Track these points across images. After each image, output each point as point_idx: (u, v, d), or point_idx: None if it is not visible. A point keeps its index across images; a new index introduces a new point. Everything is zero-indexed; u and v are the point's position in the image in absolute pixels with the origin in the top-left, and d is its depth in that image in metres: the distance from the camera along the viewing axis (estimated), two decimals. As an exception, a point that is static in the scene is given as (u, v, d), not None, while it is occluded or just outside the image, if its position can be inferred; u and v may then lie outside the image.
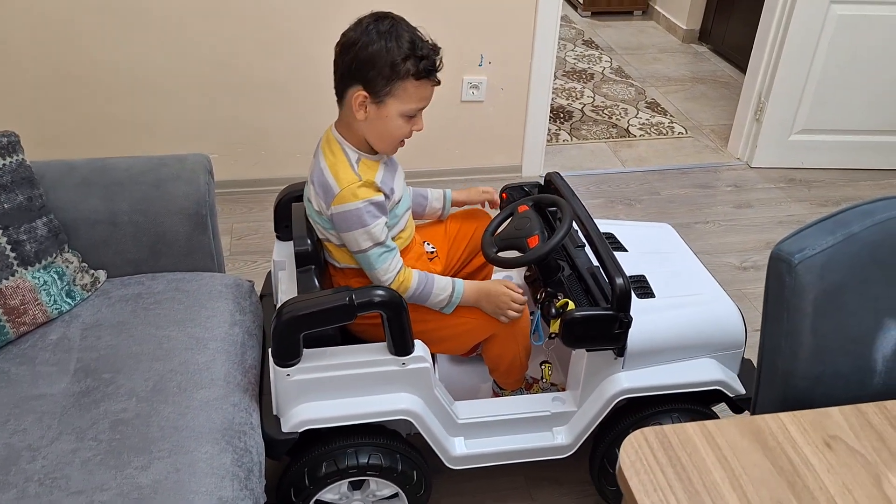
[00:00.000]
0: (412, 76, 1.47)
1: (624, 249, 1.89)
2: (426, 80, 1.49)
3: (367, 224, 1.50)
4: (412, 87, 1.48)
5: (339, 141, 1.56)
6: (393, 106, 1.49)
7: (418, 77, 1.47)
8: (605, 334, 1.56)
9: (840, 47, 3.11)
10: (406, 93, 1.48)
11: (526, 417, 1.70)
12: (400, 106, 1.49)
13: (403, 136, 1.54)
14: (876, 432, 0.99)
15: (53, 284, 1.58)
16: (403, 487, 1.65)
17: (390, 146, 1.56)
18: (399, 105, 1.49)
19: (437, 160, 3.09)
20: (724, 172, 3.39)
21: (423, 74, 1.47)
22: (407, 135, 1.55)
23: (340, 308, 1.44)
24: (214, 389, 1.46)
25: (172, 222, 1.72)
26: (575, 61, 4.42)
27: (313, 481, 1.57)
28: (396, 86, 1.47)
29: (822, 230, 1.10)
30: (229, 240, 2.72)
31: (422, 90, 1.50)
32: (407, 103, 1.49)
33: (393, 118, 1.50)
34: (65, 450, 1.31)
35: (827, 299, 1.08)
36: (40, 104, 2.70)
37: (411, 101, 1.49)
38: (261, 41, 2.72)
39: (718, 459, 0.93)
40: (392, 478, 1.61)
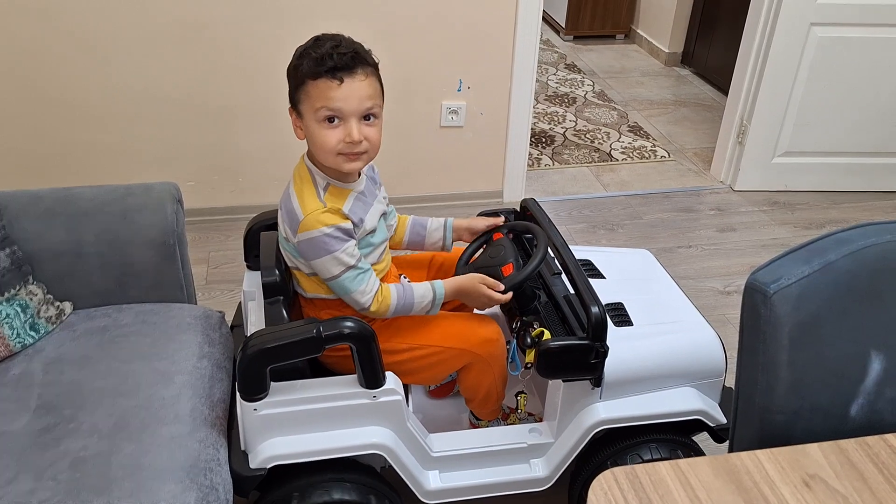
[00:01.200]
0: (308, 77, 1.42)
1: (601, 276, 1.86)
2: (324, 78, 1.41)
3: (334, 250, 1.46)
4: (312, 87, 1.42)
5: (309, 167, 1.52)
6: (306, 114, 1.45)
7: (314, 76, 1.41)
8: (581, 364, 1.53)
9: (821, 70, 3.12)
10: (309, 95, 1.43)
11: (502, 450, 1.66)
12: (310, 111, 1.43)
13: (332, 146, 1.45)
14: (857, 470, 0.96)
15: (16, 317, 1.54)
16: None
17: (334, 159, 1.47)
18: (309, 111, 1.44)
19: (417, 186, 3.07)
20: (706, 196, 3.38)
21: (318, 73, 1.41)
22: (336, 145, 1.45)
23: (308, 341, 1.40)
24: (179, 426, 1.42)
25: (140, 253, 1.68)
26: (557, 85, 4.43)
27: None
28: (301, 92, 1.44)
29: (797, 259, 1.08)
30: (206, 268, 2.68)
31: (324, 90, 1.41)
32: (314, 106, 1.43)
33: (313, 128, 1.45)
34: (21, 490, 1.27)
35: (804, 330, 1.06)
36: (7, 132, 2.65)
37: (317, 101, 1.42)
38: (237, 68, 2.70)
39: (690, 500, 0.90)
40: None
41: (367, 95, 1.44)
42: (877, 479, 0.95)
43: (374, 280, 1.53)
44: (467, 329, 1.65)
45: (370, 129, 1.47)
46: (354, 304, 1.52)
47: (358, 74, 1.42)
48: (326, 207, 1.47)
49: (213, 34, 2.64)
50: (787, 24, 3.03)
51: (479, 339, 1.64)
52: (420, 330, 1.62)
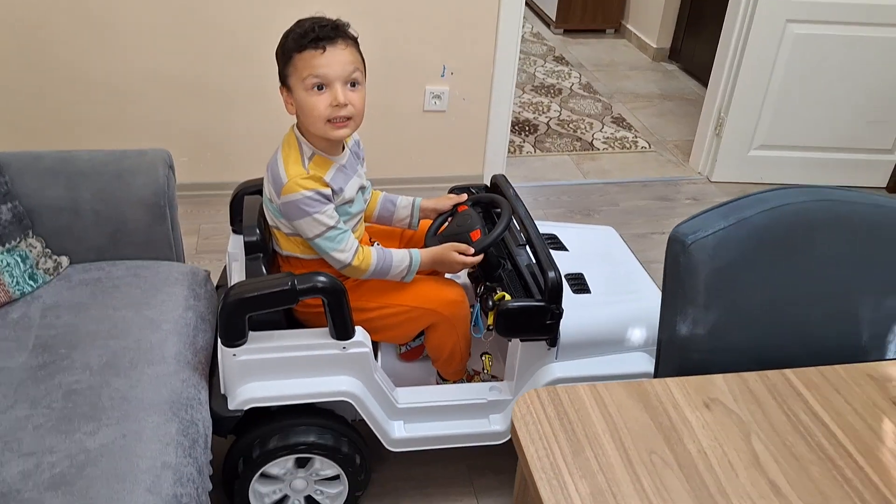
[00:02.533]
0: (294, 51, 1.55)
1: (565, 249, 1.98)
2: (308, 49, 1.54)
3: (313, 212, 1.58)
4: (298, 60, 1.55)
5: (298, 137, 1.65)
6: (295, 85, 1.57)
7: (300, 49, 1.55)
8: (537, 325, 1.65)
9: (797, 65, 3.22)
10: (297, 68, 1.56)
11: (463, 404, 1.78)
12: (299, 82, 1.56)
13: (322, 112, 1.56)
14: (754, 397, 1.09)
15: (17, 266, 1.67)
16: (344, 468, 1.73)
17: (322, 126, 1.58)
18: (298, 82, 1.56)
19: (399, 168, 3.18)
20: (684, 186, 3.50)
21: (303, 45, 1.54)
22: (325, 110, 1.56)
23: (283, 292, 1.53)
24: (164, 366, 1.55)
25: (133, 212, 1.81)
26: (544, 76, 4.55)
27: (259, 455, 1.65)
28: (289, 67, 1.57)
29: (717, 215, 1.21)
30: (196, 239, 2.81)
31: (309, 59, 1.54)
32: (301, 76, 1.55)
33: (302, 96, 1.57)
34: (18, 416, 1.40)
35: (718, 278, 1.19)
36: (13, 100, 2.79)
37: (303, 71, 1.55)
38: (230, 50, 2.83)
39: (603, 415, 1.03)
40: (333, 457, 1.69)
41: (348, 61, 1.57)
42: (770, 404, 1.08)
43: (353, 240, 1.65)
44: (433, 291, 1.77)
45: (354, 94, 1.59)
46: (335, 262, 1.64)
47: (339, 44, 1.56)
48: (309, 174, 1.60)
49: (211, 17, 2.76)
50: (763, 20, 3.13)
51: (444, 300, 1.76)
52: (389, 290, 1.74)
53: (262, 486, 1.72)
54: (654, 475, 0.94)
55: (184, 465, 1.39)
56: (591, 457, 0.96)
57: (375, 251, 1.68)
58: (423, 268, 1.73)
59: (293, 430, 1.66)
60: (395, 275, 1.70)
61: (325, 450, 1.69)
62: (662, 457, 0.97)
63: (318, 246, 1.63)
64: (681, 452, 0.98)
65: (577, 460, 0.95)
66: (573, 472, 0.94)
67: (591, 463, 0.95)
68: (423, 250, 1.73)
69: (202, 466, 1.46)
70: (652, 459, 0.97)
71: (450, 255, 1.71)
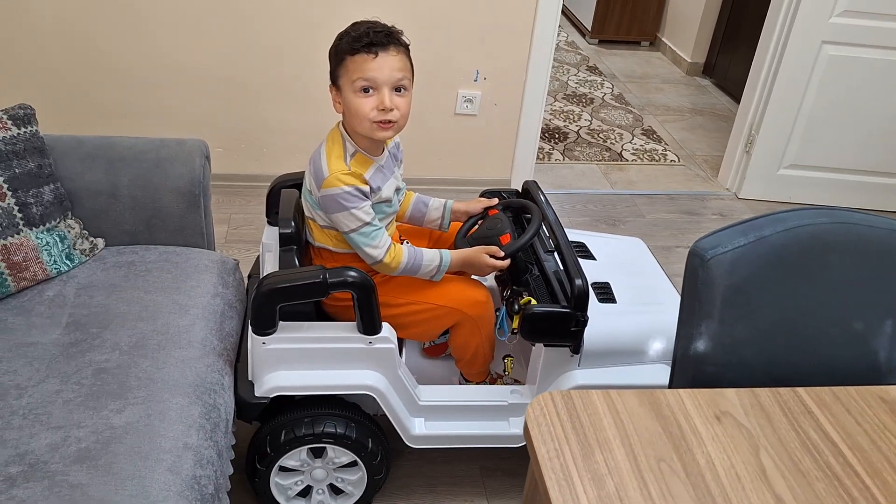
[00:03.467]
0: (347, 53, 1.60)
1: (593, 258, 2.00)
2: (361, 53, 1.59)
3: (350, 207, 1.62)
4: (351, 62, 1.60)
5: (343, 134, 1.69)
6: (345, 86, 1.62)
7: (353, 52, 1.59)
8: (561, 331, 1.67)
9: (830, 87, 3.22)
10: (348, 70, 1.60)
11: (484, 405, 1.81)
12: (348, 84, 1.61)
13: (366, 113, 1.61)
14: (764, 412, 1.11)
15: (55, 246, 1.72)
16: (363, 459, 1.76)
17: (368, 127, 1.63)
18: (347, 83, 1.61)
19: (428, 169, 3.22)
20: (711, 201, 3.51)
21: (356, 48, 1.59)
22: (370, 112, 1.61)
23: (314, 285, 1.57)
24: (191, 350, 1.60)
25: (168, 199, 1.86)
26: (577, 85, 4.57)
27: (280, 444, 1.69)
28: (340, 68, 1.62)
29: (736, 232, 1.23)
30: (226, 228, 2.87)
31: (361, 63, 1.59)
32: (351, 78, 1.60)
33: (350, 97, 1.61)
34: (49, 390, 1.45)
35: (735, 293, 1.21)
36: (60, 86, 2.86)
37: (354, 73, 1.59)
38: (268, 43, 2.88)
39: (615, 421, 1.06)
40: (352, 448, 1.73)
41: (398, 68, 1.62)
42: (781, 420, 1.10)
43: (387, 238, 1.69)
44: (459, 290, 1.80)
45: (400, 99, 1.64)
46: (367, 257, 1.68)
47: (391, 50, 1.61)
48: (350, 171, 1.64)
49: (250, 13, 2.82)
50: (799, 41, 3.14)
51: (469, 300, 1.79)
52: (416, 288, 1.78)
53: (282, 479, 1.76)
54: (661, 482, 0.97)
55: (205, 447, 1.43)
56: (601, 461, 0.99)
57: (407, 249, 1.71)
58: (452, 268, 1.76)
59: (311, 421, 1.70)
60: (424, 273, 1.74)
61: (342, 439, 1.72)
62: (671, 465, 1.00)
63: (353, 240, 1.67)
64: (689, 462, 1.01)
65: (586, 463, 0.98)
66: (582, 474, 0.97)
67: (601, 467, 0.98)
68: (454, 251, 1.77)
69: (223, 450, 1.50)
70: (660, 467, 0.99)
71: (480, 257, 1.74)
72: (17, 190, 1.67)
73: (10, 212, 1.65)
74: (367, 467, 1.78)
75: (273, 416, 1.71)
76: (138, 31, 2.80)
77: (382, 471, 1.81)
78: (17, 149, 1.69)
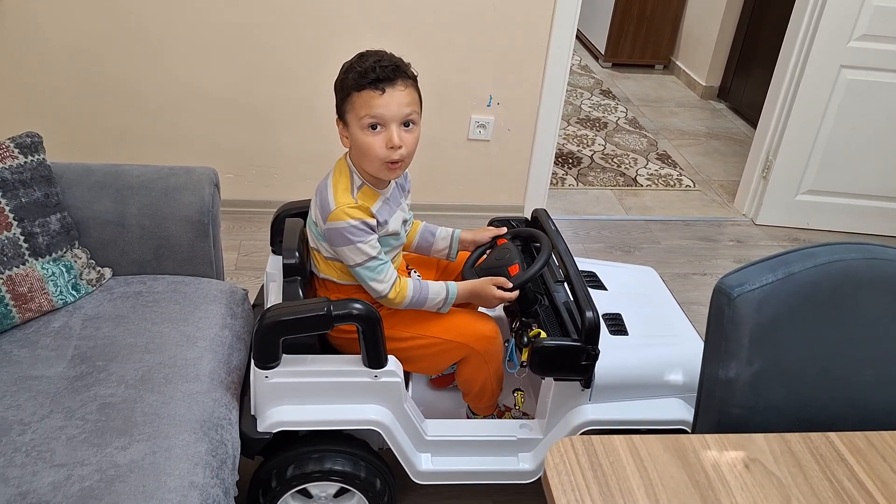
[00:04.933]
0: (353, 88, 1.56)
1: (604, 288, 1.96)
2: (368, 89, 1.55)
3: (357, 241, 1.59)
4: (357, 98, 1.56)
5: (350, 166, 1.66)
6: (352, 122, 1.58)
7: (359, 88, 1.55)
8: (572, 365, 1.62)
9: (849, 111, 3.18)
10: (354, 106, 1.57)
11: (492, 440, 1.76)
12: (355, 120, 1.57)
13: (377, 152, 1.58)
14: (795, 459, 1.06)
15: (61, 276, 1.69)
16: (369, 497, 1.72)
17: (378, 167, 1.61)
18: (354, 119, 1.57)
19: (440, 195, 3.20)
20: (727, 227, 3.46)
21: (362, 84, 1.55)
22: (381, 150, 1.58)
23: (319, 317, 1.53)
24: (198, 384, 1.56)
25: (177, 228, 1.83)
26: (590, 109, 4.54)
27: (281, 481, 1.65)
28: (347, 102, 1.58)
29: (764, 268, 1.18)
30: (236, 255, 2.84)
31: (368, 99, 1.55)
32: (358, 115, 1.56)
33: (357, 134, 1.58)
34: (53, 426, 1.41)
35: (763, 333, 1.16)
36: (68, 113, 2.85)
37: (361, 110, 1.56)
38: (279, 70, 2.87)
39: (638, 469, 1.01)
40: (356, 485, 1.69)
41: (405, 103, 1.58)
42: (812, 467, 1.05)
43: (393, 272, 1.66)
44: (467, 324, 1.76)
45: (408, 134, 1.61)
46: (373, 291, 1.65)
47: (398, 85, 1.57)
48: (357, 204, 1.61)
49: (260, 39, 2.80)
50: (817, 65, 3.11)
51: (477, 334, 1.74)
52: (423, 321, 1.74)
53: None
54: (688, 536, 0.92)
55: (211, 485, 1.39)
56: (625, 512, 0.94)
57: (412, 283, 1.67)
58: (459, 300, 1.72)
59: (315, 457, 1.65)
60: (430, 307, 1.70)
61: (345, 476, 1.68)
62: (698, 517, 0.95)
63: (358, 274, 1.63)
64: (717, 513, 0.96)
65: (609, 515, 0.93)
66: (605, 526, 0.92)
67: (624, 519, 0.93)
68: (461, 283, 1.73)
69: (228, 488, 1.46)
70: (687, 519, 0.94)
71: (488, 288, 1.70)
72: (23, 220, 1.64)
73: (15, 242, 1.63)
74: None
75: (276, 451, 1.66)
76: (148, 57, 2.79)
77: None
78: (24, 178, 1.66)
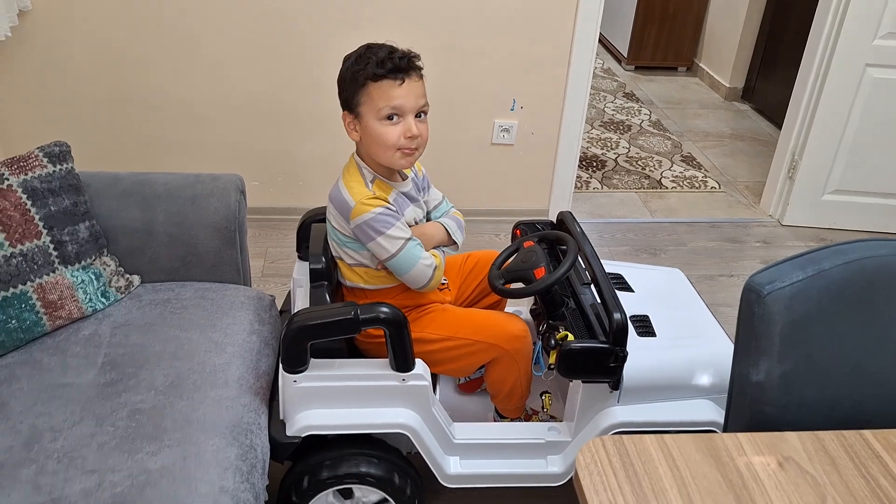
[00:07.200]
0: (369, 79, 1.56)
1: (630, 290, 1.94)
2: (385, 80, 1.55)
3: (388, 227, 1.59)
4: (374, 89, 1.56)
5: (358, 163, 1.67)
6: (367, 114, 1.59)
7: (375, 78, 1.55)
8: (600, 367, 1.62)
9: (875, 110, 3.14)
10: (371, 97, 1.57)
11: (521, 443, 1.76)
12: (372, 111, 1.57)
13: (394, 141, 1.58)
14: (830, 457, 1.05)
15: (90, 284, 1.71)
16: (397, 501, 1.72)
17: (391, 156, 1.61)
18: (371, 111, 1.58)
19: (464, 200, 3.15)
20: (754, 228, 3.42)
21: (379, 74, 1.55)
22: (397, 140, 1.58)
23: (346, 321, 1.53)
24: (227, 389, 1.57)
25: (204, 235, 1.84)
26: (613, 112, 4.52)
27: (311, 485, 1.65)
28: (361, 94, 1.58)
29: (794, 265, 1.17)
30: (263, 262, 2.86)
31: (385, 90, 1.56)
32: (376, 106, 1.57)
33: (373, 126, 1.58)
34: (84, 433, 1.42)
35: (794, 330, 1.14)
36: (95, 122, 2.89)
37: (379, 101, 1.56)
38: (304, 78, 2.88)
39: (671, 469, 1.00)
40: (385, 489, 1.69)
41: (420, 94, 1.60)
42: (847, 465, 1.03)
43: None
44: (497, 325, 1.75)
45: (422, 125, 1.62)
46: (421, 275, 1.64)
47: (413, 76, 1.59)
48: (375, 195, 1.61)
49: (286, 47, 2.82)
50: (842, 64, 3.07)
51: (507, 334, 1.74)
52: (452, 323, 1.74)
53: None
54: (722, 535, 0.91)
55: (241, 490, 1.39)
56: (657, 512, 0.93)
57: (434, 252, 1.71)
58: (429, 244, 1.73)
59: (344, 461, 1.66)
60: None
61: (374, 479, 1.68)
62: (732, 516, 0.94)
63: (401, 262, 1.63)
64: (751, 513, 0.95)
65: (642, 515, 0.92)
66: (638, 527, 0.91)
67: (657, 518, 0.92)
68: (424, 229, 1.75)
69: (259, 493, 1.47)
70: (721, 518, 0.93)
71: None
72: (52, 228, 1.66)
73: (45, 250, 1.65)
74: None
75: (305, 454, 1.67)
76: (174, 66, 2.82)
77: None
78: (53, 186, 1.68)
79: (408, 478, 1.70)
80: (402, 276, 1.66)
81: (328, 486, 1.66)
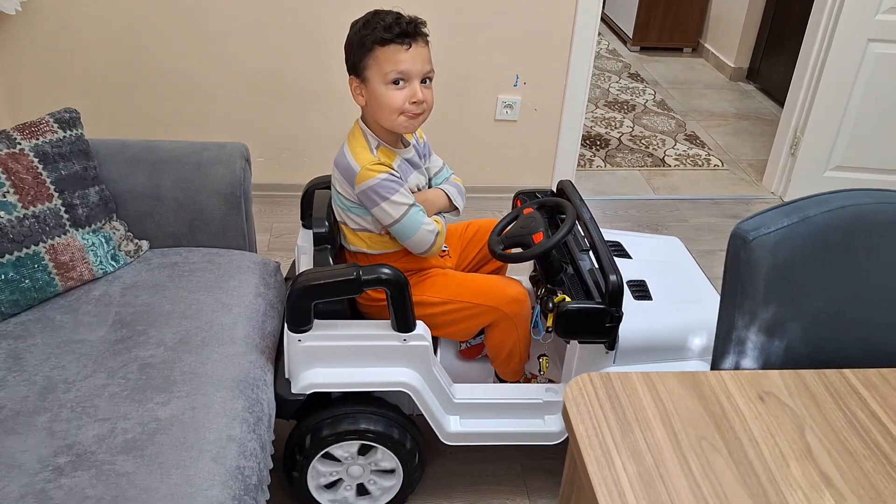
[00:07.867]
0: (377, 43, 1.59)
1: (628, 257, 1.98)
2: (392, 44, 1.58)
3: (392, 193, 1.63)
4: (381, 53, 1.59)
5: (363, 129, 1.71)
6: (374, 78, 1.62)
7: (382, 42, 1.59)
8: (596, 327, 1.66)
9: (877, 86, 3.15)
10: (378, 61, 1.60)
11: (519, 403, 1.80)
12: (378, 75, 1.61)
13: (400, 105, 1.62)
14: (810, 393, 1.08)
15: (101, 247, 1.76)
16: (402, 460, 1.76)
17: (396, 120, 1.64)
18: (377, 75, 1.61)
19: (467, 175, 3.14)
20: (756, 205, 3.44)
21: (386, 39, 1.58)
22: (403, 104, 1.62)
23: (348, 282, 1.58)
24: (234, 347, 1.62)
25: (210, 201, 1.89)
26: (618, 92, 4.55)
27: (313, 443, 1.70)
28: (368, 59, 1.61)
29: (780, 213, 1.20)
30: (268, 237, 2.91)
31: (392, 54, 1.59)
32: (383, 70, 1.60)
33: (379, 90, 1.61)
34: (96, 385, 1.48)
35: (778, 275, 1.18)
36: (106, 92, 2.93)
37: (386, 66, 1.59)
38: (310, 54, 2.92)
39: (654, 401, 1.04)
40: (384, 443, 1.73)
41: (427, 59, 1.64)
42: (826, 400, 1.07)
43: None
44: (496, 288, 1.80)
45: (427, 91, 1.66)
46: (423, 240, 1.69)
47: (419, 41, 1.62)
48: (380, 161, 1.65)
49: (292, 22, 2.86)
50: (844, 39, 3.08)
51: (506, 297, 1.78)
52: (452, 286, 1.78)
53: (323, 466, 1.76)
54: (702, 459, 0.95)
55: (248, 439, 1.45)
56: (640, 438, 0.97)
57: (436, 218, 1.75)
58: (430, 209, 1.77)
59: (355, 417, 1.70)
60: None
61: (385, 438, 1.72)
62: (712, 443, 0.98)
63: (404, 230, 1.67)
64: (731, 440, 0.99)
65: (625, 440, 0.97)
66: (621, 451, 0.95)
67: (640, 444, 0.96)
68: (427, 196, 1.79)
69: (265, 443, 1.52)
70: (701, 445, 0.97)
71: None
72: (63, 191, 1.71)
73: (56, 212, 1.70)
74: (406, 477, 1.79)
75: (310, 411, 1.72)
76: (183, 39, 2.86)
77: (416, 484, 1.82)
78: (63, 151, 1.73)
79: (407, 432, 1.75)
80: (405, 241, 1.70)
81: (329, 444, 1.71)
